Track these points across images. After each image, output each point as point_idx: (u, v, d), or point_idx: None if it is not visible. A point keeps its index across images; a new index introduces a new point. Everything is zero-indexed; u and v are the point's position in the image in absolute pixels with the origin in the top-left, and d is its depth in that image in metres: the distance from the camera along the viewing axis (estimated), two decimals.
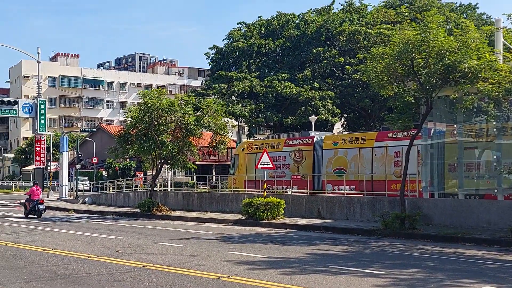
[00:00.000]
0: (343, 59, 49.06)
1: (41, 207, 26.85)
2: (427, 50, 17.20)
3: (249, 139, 52.11)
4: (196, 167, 30.97)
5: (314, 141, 28.69)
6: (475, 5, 54.39)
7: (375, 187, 24.30)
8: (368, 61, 19.61)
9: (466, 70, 16.70)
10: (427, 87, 17.76)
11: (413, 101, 18.83)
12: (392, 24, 47.29)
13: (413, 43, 17.27)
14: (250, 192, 26.58)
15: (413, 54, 17.37)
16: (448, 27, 40.95)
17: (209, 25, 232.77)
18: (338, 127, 59.02)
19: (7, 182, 79.03)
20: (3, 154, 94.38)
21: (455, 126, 20.59)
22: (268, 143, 31.40)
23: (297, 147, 29.28)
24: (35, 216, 26.64)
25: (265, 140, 33.68)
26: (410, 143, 19.01)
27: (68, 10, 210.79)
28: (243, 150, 32.30)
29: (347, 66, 48.20)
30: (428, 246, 15.45)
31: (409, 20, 25.00)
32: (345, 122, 57.03)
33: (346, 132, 45.52)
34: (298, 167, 28.92)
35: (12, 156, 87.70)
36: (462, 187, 19.78)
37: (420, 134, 19.89)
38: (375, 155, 25.54)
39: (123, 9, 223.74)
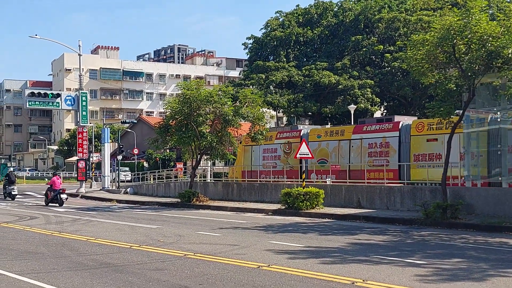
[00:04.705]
0: (382, 46, 48.43)
1: (63, 196, 28.75)
2: (469, 36, 16.82)
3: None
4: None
5: (301, 134, 29.92)
6: None
7: (351, 176, 26.07)
8: (408, 48, 19.32)
9: (510, 55, 16.31)
10: (469, 74, 17.37)
11: (454, 88, 18.45)
12: (432, 10, 46.38)
13: (454, 29, 16.90)
14: (289, 182, 26.68)
15: (455, 41, 17.01)
16: (490, 11, 39.96)
17: (246, 15, 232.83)
18: (378, 115, 58.31)
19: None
20: (47, 146, 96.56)
21: (498, 113, 20.09)
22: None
23: (286, 140, 30.54)
24: (57, 205, 28.40)
25: None
26: (452, 131, 18.65)
27: (107, 4, 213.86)
28: (240, 142, 32.96)
29: (387, 54, 47.55)
30: (470, 235, 15.20)
31: (450, 6, 24.52)
32: (385, 111, 56.35)
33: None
34: (287, 158, 30.14)
35: (55, 147, 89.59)
36: (506, 175, 19.32)
37: (462, 122, 19.50)
38: (352, 146, 27.23)
39: (161, 1, 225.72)
